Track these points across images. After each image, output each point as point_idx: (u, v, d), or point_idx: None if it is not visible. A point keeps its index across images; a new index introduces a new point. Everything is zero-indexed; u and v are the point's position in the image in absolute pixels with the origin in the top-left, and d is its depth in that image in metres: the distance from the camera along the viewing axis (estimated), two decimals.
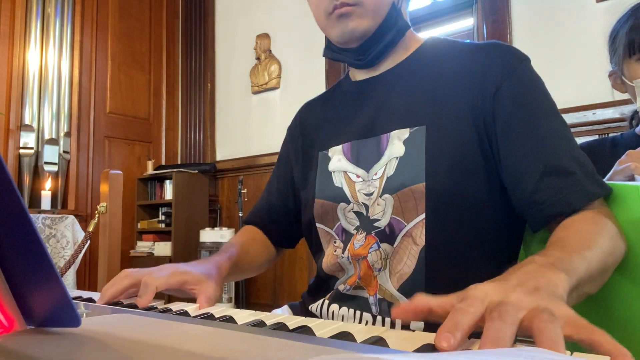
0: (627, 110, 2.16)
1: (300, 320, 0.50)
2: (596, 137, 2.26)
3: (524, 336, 0.35)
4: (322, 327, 0.46)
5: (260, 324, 0.46)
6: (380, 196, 0.69)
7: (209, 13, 4.08)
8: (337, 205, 0.74)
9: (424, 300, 0.41)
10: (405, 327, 0.64)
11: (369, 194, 0.70)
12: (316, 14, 0.76)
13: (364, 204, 0.71)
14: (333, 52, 0.79)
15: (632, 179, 0.72)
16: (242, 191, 3.28)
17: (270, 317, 0.51)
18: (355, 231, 0.72)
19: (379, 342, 0.38)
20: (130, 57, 3.95)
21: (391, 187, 0.68)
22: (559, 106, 0.67)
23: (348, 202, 0.73)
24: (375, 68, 0.78)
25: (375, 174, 0.70)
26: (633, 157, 0.74)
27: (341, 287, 0.73)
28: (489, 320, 0.35)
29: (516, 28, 2.57)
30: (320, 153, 0.80)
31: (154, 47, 4.12)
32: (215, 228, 3.35)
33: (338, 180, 0.75)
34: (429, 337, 0.41)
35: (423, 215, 0.65)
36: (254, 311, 0.55)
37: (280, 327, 0.45)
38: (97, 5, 3.77)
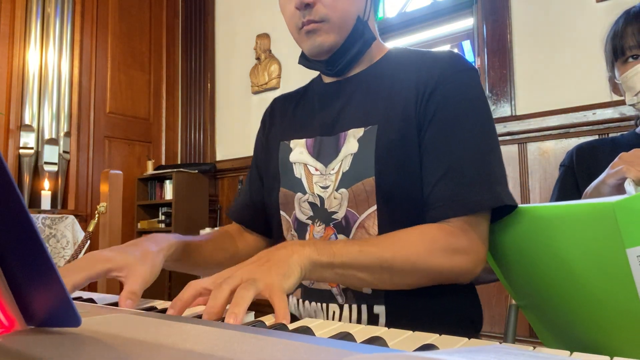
0: (626, 110, 2.16)
1: (300, 321, 0.50)
2: (596, 137, 2.27)
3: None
4: (322, 327, 0.46)
5: (260, 324, 0.46)
6: (337, 190, 0.74)
7: (209, 13, 4.08)
8: (295, 194, 0.79)
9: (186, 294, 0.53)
10: (371, 310, 0.71)
11: (325, 187, 0.76)
12: (289, 28, 0.81)
13: (319, 195, 0.76)
14: (307, 61, 0.84)
15: (623, 182, 0.73)
16: None
17: (270, 317, 0.52)
18: (309, 221, 0.77)
19: (378, 342, 0.38)
20: (130, 57, 3.95)
21: (346, 182, 0.73)
22: (559, 106, 0.69)
23: (304, 192, 0.78)
24: (343, 74, 0.83)
25: (333, 169, 0.76)
26: (625, 159, 0.75)
27: (306, 282, 0.77)
28: (213, 291, 0.50)
29: (516, 28, 2.57)
30: (282, 143, 0.85)
31: (154, 47, 4.12)
32: (215, 228, 3.35)
33: (298, 172, 0.80)
34: (429, 337, 0.41)
35: (374, 207, 0.71)
36: (253, 311, 0.55)
37: (280, 327, 0.45)
38: (97, 5, 3.76)
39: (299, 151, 0.81)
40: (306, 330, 0.44)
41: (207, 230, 3.34)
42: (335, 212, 0.74)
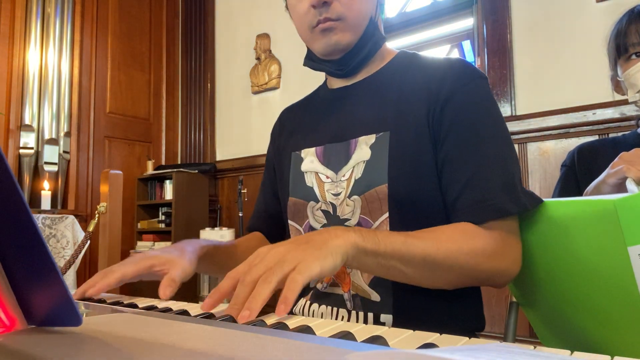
0: (627, 110, 2.16)
1: (300, 320, 0.50)
2: (596, 137, 2.27)
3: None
4: (322, 327, 0.46)
5: (260, 323, 0.46)
6: (349, 197, 0.74)
7: (209, 13, 4.08)
8: (307, 203, 0.79)
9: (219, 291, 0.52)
10: (377, 319, 0.70)
11: (337, 194, 0.76)
12: (299, 27, 0.79)
13: (331, 203, 0.76)
14: (314, 62, 0.83)
15: (624, 181, 0.73)
16: (242, 191, 3.28)
17: (270, 317, 0.52)
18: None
19: (379, 341, 0.38)
20: (130, 57, 3.95)
21: (359, 189, 0.73)
22: (559, 106, 0.69)
23: (317, 200, 0.78)
24: (351, 77, 0.83)
25: (343, 175, 0.75)
26: (625, 159, 0.75)
27: (319, 286, 0.78)
28: (238, 284, 0.49)
29: (516, 28, 2.57)
30: (293, 154, 0.85)
31: (154, 47, 4.12)
32: (215, 228, 3.35)
33: (310, 180, 0.80)
34: (430, 336, 0.41)
35: (387, 214, 0.70)
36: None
37: (281, 326, 0.45)
38: (97, 5, 3.76)
39: (309, 160, 0.81)
40: (307, 329, 0.44)
41: (207, 230, 3.34)
42: (348, 219, 0.74)
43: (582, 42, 2.34)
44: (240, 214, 3.28)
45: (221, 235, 3.28)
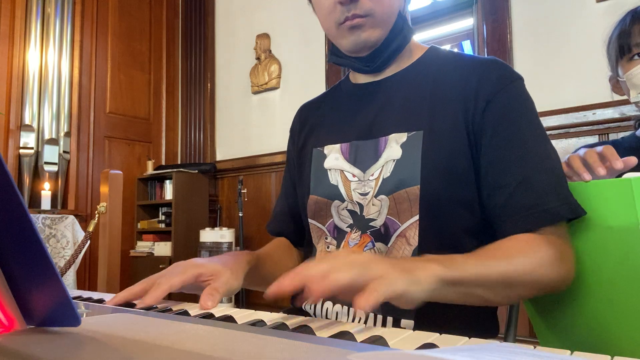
0: (626, 110, 2.16)
1: (300, 320, 0.50)
2: (596, 137, 2.26)
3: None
4: (322, 327, 0.46)
5: (260, 323, 0.46)
6: (376, 196, 0.71)
7: (209, 13, 4.08)
8: (332, 202, 0.76)
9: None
10: (397, 324, 0.67)
11: (364, 194, 0.72)
12: (325, 23, 0.76)
13: (358, 203, 0.73)
14: (339, 57, 0.80)
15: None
16: (242, 191, 3.28)
17: (270, 317, 0.52)
18: (349, 229, 0.74)
19: (379, 341, 0.38)
20: (130, 57, 3.95)
21: (387, 189, 0.70)
22: (559, 106, 0.69)
23: (342, 200, 0.75)
24: (379, 73, 0.80)
25: (372, 174, 0.72)
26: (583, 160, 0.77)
27: None
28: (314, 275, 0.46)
29: (516, 28, 2.57)
30: (315, 150, 0.81)
31: (154, 47, 4.12)
32: (215, 228, 3.34)
33: (334, 178, 0.76)
34: (429, 337, 0.41)
35: (417, 217, 0.67)
36: (254, 311, 0.55)
37: (280, 326, 0.45)
38: (97, 5, 3.76)
39: (334, 157, 0.77)
40: (306, 330, 0.44)
41: (207, 230, 3.34)
42: (373, 220, 0.71)
43: (582, 42, 2.34)
44: (240, 214, 3.28)
45: (221, 235, 3.27)
